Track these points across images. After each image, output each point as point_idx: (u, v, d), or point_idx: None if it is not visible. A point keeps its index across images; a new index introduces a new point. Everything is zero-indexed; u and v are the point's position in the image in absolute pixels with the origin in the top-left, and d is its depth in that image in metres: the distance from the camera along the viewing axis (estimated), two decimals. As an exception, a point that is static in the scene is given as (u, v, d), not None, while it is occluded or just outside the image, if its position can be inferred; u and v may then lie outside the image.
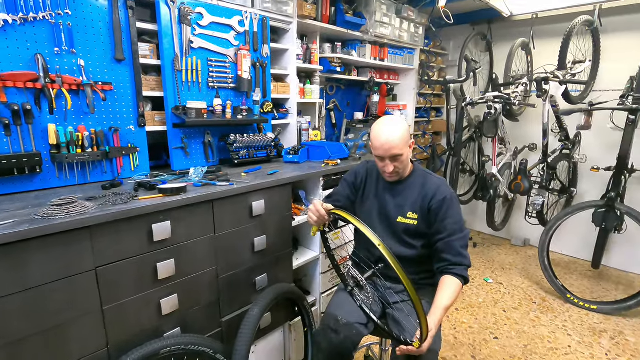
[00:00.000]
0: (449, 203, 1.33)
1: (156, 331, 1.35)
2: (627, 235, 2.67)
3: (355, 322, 1.35)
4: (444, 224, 1.32)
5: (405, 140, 1.32)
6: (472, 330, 2.32)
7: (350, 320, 1.35)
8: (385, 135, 1.31)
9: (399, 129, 1.31)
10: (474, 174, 3.50)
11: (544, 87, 2.67)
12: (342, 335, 1.31)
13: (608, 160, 2.72)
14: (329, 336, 1.33)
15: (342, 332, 1.32)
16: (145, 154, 1.72)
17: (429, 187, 1.38)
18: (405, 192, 1.42)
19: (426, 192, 1.37)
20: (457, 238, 1.30)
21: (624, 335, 2.29)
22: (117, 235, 1.20)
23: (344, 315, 1.36)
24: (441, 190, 1.35)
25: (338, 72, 2.78)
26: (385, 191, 1.46)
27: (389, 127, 1.32)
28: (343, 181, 1.59)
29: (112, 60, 1.55)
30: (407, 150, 1.35)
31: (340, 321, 1.34)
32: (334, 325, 1.34)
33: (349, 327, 1.33)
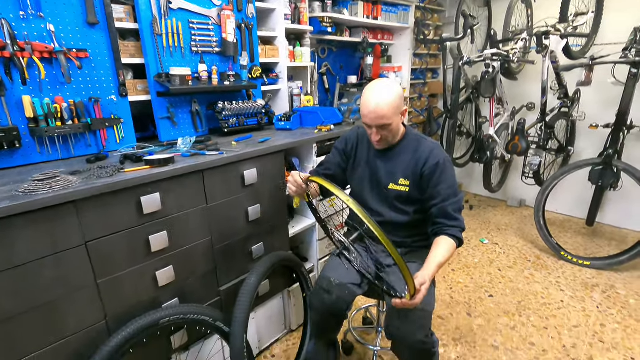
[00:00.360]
0: (442, 167, 1.30)
1: (154, 302, 1.36)
2: (622, 192, 2.68)
3: (348, 283, 1.37)
4: (438, 190, 1.29)
5: (395, 108, 1.25)
6: (467, 289, 2.38)
7: (343, 281, 1.37)
8: (374, 102, 1.24)
9: (390, 96, 1.24)
10: (471, 136, 3.45)
11: (544, 42, 2.56)
12: (334, 295, 1.34)
13: (607, 118, 2.67)
14: (322, 297, 1.35)
15: (335, 292, 1.34)
16: (130, 125, 1.65)
17: (422, 152, 1.33)
18: (396, 158, 1.38)
19: (418, 157, 1.33)
20: (451, 202, 1.28)
21: (615, 288, 2.35)
22: (105, 209, 1.17)
23: (337, 277, 1.38)
24: (434, 155, 1.31)
25: (329, 33, 2.65)
26: (377, 157, 1.41)
27: (379, 93, 1.24)
28: (334, 149, 1.54)
29: (85, 24, 1.44)
30: (397, 119, 1.28)
31: (333, 282, 1.36)
32: (326, 286, 1.36)
33: (342, 288, 1.35)
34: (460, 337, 1.96)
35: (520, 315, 2.12)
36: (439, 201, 1.29)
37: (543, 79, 2.73)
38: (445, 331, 2.00)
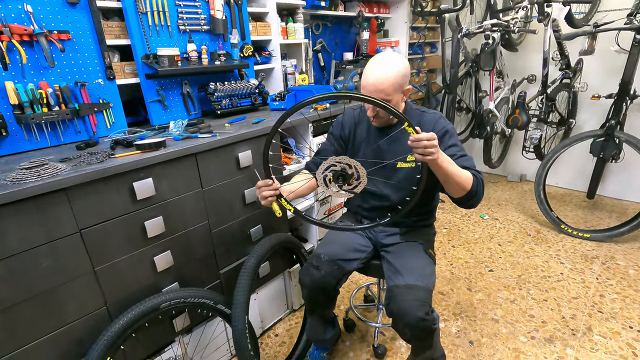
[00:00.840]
0: (450, 134, 1.26)
1: (154, 287, 1.36)
2: (624, 163, 2.65)
3: (337, 259, 1.37)
4: (449, 151, 1.21)
5: (397, 85, 1.19)
6: (467, 265, 2.39)
7: (333, 257, 1.37)
8: (375, 75, 1.18)
9: (393, 70, 1.17)
10: (471, 111, 3.38)
11: (546, 9, 2.46)
12: (322, 271, 1.34)
13: (610, 88, 2.60)
14: (311, 272, 1.36)
15: (323, 268, 1.34)
16: (120, 109, 1.61)
17: (427, 124, 1.29)
18: (401, 136, 1.31)
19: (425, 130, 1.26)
20: (466, 159, 1.22)
21: (615, 260, 2.36)
22: (97, 196, 1.15)
23: (327, 253, 1.38)
24: (440, 123, 1.28)
25: (323, 8, 2.55)
26: (379, 137, 1.35)
27: (381, 66, 1.18)
28: (329, 135, 1.48)
29: (65, 3, 1.38)
30: (397, 96, 1.21)
31: (322, 258, 1.37)
32: (315, 262, 1.37)
33: (331, 263, 1.36)
34: (461, 311, 1.98)
35: (520, 289, 2.13)
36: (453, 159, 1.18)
37: (544, 49, 2.65)
38: (446, 306, 2.02)
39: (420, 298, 1.21)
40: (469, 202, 1.20)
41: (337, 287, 1.38)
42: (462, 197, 1.18)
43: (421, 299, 1.20)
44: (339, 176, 1.10)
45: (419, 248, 1.38)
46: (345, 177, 1.10)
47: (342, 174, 1.10)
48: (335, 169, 1.10)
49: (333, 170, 1.11)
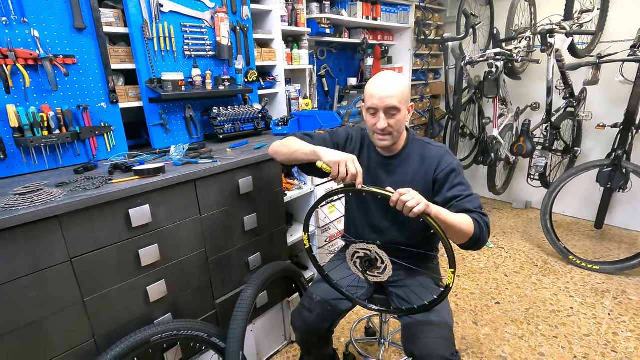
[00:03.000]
0: (457, 173, 1.19)
1: (146, 318, 1.30)
2: (631, 193, 2.61)
3: (330, 299, 1.29)
4: (453, 192, 1.17)
5: (405, 96, 1.16)
6: (473, 296, 2.31)
7: (325, 297, 1.29)
8: (383, 83, 1.14)
9: (401, 82, 1.15)
10: (474, 137, 3.37)
11: (549, 40, 2.49)
12: (314, 313, 1.27)
13: (615, 117, 2.59)
14: (303, 314, 1.29)
15: (315, 310, 1.27)
16: (122, 132, 1.60)
17: (431, 159, 1.22)
18: (402, 168, 1.26)
19: (429, 165, 1.21)
20: (469, 200, 1.15)
21: (627, 294, 2.27)
22: (91, 223, 1.11)
23: (320, 293, 1.31)
24: (446, 160, 1.20)
25: (328, 35, 2.59)
26: (379, 167, 1.29)
27: (389, 77, 1.16)
28: (330, 134, 1.34)
29: (72, 29, 1.39)
30: (405, 109, 1.17)
31: (315, 299, 1.30)
32: (308, 304, 1.30)
33: (323, 304, 1.28)
34: (467, 347, 1.89)
35: (529, 324, 2.04)
36: (456, 201, 1.15)
37: (548, 78, 2.66)
38: (451, 341, 1.93)
39: (444, 336, 1.13)
40: (472, 248, 1.12)
41: (331, 328, 1.31)
42: (465, 244, 1.11)
43: (445, 337, 1.13)
44: (366, 261, 1.16)
45: (428, 281, 1.31)
46: (371, 263, 1.16)
47: (368, 260, 1.16)
48: (360, 256, 1.17)
49: (358, 256, 1.17)
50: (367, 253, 1.15)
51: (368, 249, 1.14)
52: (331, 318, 1.29)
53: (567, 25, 2.45)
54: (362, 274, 1.19)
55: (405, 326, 1.22)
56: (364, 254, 1.16)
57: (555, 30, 2.44)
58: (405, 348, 1.20)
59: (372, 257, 1.14)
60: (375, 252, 1.13)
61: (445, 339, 1.13)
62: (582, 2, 2.68)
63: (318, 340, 1.36)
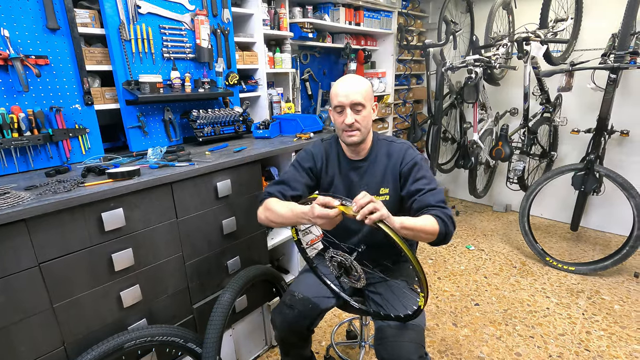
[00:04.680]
0: (420, 165, 1.24)
1: (119, 325, 1.27)
2: (605, 196, 2.69)
3: (312, 296, 1.29)
4: (416, 185, 1.20)
5: (368, 94, 1.22)
6: (453, 298, 2.34)
7: (307, 294, 1.29)
8: (347, 82, 1.21)
9: (363, 82, 1.23)
10: (456, 141, 3.44)
11: (525, 47, 2.56)
12: (295, 310, 1.26)
13: (588, 122, 2.68)
14: (283, 312, 1.28)
15: (297, 307, 1.27)
16: (97, 135, 1.57)
17: (397, 154, 1.27)
18: (372, 168, 1.29)
19: (395, 161, 1.26)
20: (432, 194, 1.17)
21: (600, 294, 2.33)
22: (61, 227, 1.09)
23: (301, 291, 1.30)
24: (409, 154, 1.26)
25: (310, 39, 2.60)
26: (350, 171, 1.31)
27: (352, 77, 1.24)
28: (297, 165, 1.34)
29: (45, 29, 1.36)
30: (369, 105, 1.23)
31: (297, 296, 1.29)
32: (289, 301, 1.29)
33: (304, 302, 1.28)
34: (446, 349, 1.91)
35: (507, 324, 2.08)
36: (419, 195, 1.19)
37: (525, 84, 2.74)
38: (431, 343, 1.95)
39: (414, 339, 1.14)
40: (440, 243, 1.14)
41: (311, 327, 1.30)
42: (434, 242, 1.13)
43: (415, 340, 1.14)
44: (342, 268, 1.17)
45: (403, 285, 1.33)
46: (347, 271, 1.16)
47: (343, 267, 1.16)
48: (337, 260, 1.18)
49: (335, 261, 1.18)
50: (342, 260, 1.16)
51: (344, 257, 1.15)
52: (312, 316, 1.29)
53: (542, 33, 2.53)
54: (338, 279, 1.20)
55: (377, 329, 1.24)
56: (340, 260, 1.17)
57: (531, 38, 2.52)
58: (376, 351, 1.21)
59: (347, 265, 1.16)
60: (350, 262, 1.14)
61: (416, 342, 1.14)
62: (556, 12, 2.78)
63: (297, 339, 1.36)
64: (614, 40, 2.54)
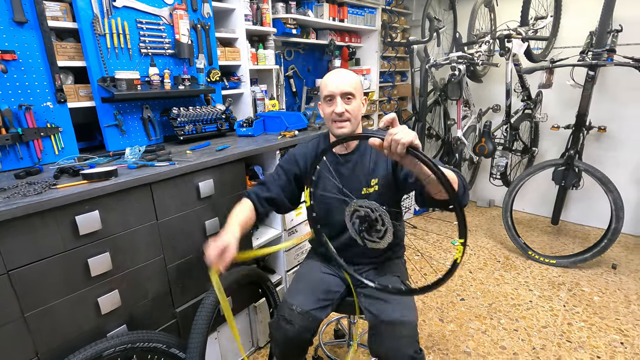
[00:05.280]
0: None
1: (97, 332, 1.22)
2: (584, 190, 2.76)
3: (311, 309, 1.26)
4: None
5: (358, 86, 1.24)
6: (439, 293, 2.35)
7: (306, 307, 1.26)
8: (337, 74, 1.22)
9: (353, 74, 1.24)
10: (440, 138, 3.46)
11: (506, 44, 2.59)
12: (296, 326, 1.23)
13: (567, 118, 2.74)
14: (284, 328, 1.24)
15: (297, 322, 1.23)
16: (71, 134, 1.50)
17: None
18: (362, 160, 1.28)
19: None
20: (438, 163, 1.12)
21: (580, 286, 2.40)
22: (32, 232, 1.03)
23: (299, 303, 1.27)
24: None
25: (294, 35, 2.57)
26: (339, 165, 1.30)
27: (342, 70, 1.25)
28: (278, 168, 1.36)
29: (11, 22, 1.29)
30: (359, 96, 1.23)
31: (295, 310, 1.25)
32: (288, 315, 1.25)
33: (304, 316, 1.25)
34: (433, 344, 1.93)
35: (491, 318, 2.11)
36: None
37: (507, 81, 2.77)
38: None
39: (408, 334, 1.14)
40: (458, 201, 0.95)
41: (312, 338, 1.28)
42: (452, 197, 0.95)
43: (409, 336, 1.14)
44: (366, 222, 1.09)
45: (396, 281, 1.33)
46: (371, 225, 1.08)
47: (368, 220, 1.08)
48: (360, 215, 1.09)
49: (358, 215, 1.10)
50: (367, 212, 1.07)
51: (371, 207, 1.05)
52: (313, 328, 1.26)
53: (523, 30, 2.57)
54: (361, 238, 1.12)
55: (371, 326, 1.23)
56: (364, 213, 1.08)
57: (512, 36, 2.55)
58: (371, 349, 1.20)
59: (373, 217, 1.07)
60: (377, 213, 1.04)
61: (410, 337, 1.14)
62: (536, 10, 2.82)
63: (298, 352, 1.33)
64: (592, 37, 2.60)
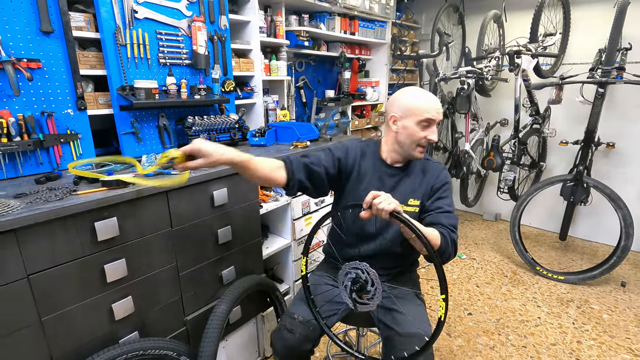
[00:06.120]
0: (448, 187, 1.28)
1: (110, 338, 1.23)
2: (592, 206, 2.75)
3: (313, 319, 1.25)
4: (436, 203, 1.24)
5: None
6: (447, 307, 2.34)
7: (308, 317, 1.26)
8: (433, 98, 1.21)
9: None
10: (448, 151, 3.48)
11: (516, 60, 2.62)
12: (297, 334, 1.23)
13: (576, 134, 2.74)
14: (284, 337, 1.24)
15: (298, 330, 1.23)
16: (90, 140, 1.53)
17: (432, 171, 1.30)
18: (407, 178, 1.30)
19: (429, 177, 1.29)
20: (448, 216, 1.20)
21: (589, 303, 2.37)
22: (52, 238, 1.05)
23: (302, 313, 1.27)
24: (444, 174, 1.30)
25: (306, 47, 2.61)
26: (385, 175, 1.32)
27: (429, 93, 1.23)
28: (328, 151, 1.35)
29: (38, 32, 1.33)
30: None
31: (297, 319, 1.26)
32: (289, 324, 1.25)
33: (306, 325, 1.25)
34: (441, 359, 1.91)
35: (500, 334, 2.09)
36: (435, 211, 1.21)
37: (515, 96, 2.79)
38: (425, 353, 1.94)
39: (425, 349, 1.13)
40: (441, 256, 1.12)
41: (313, 348, 1.28)
42: (428, 257, 1.09)
43: (428, 351, 1.12)
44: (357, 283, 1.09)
45: (410, 293, 1.32)
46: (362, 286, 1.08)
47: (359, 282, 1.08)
48: (351, 277, 1.10)
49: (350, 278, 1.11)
50: (357, 273, 1.10)
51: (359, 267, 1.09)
52: (314, 338, 1.26)
53: (532, 47, 2.60)
54: (353, 302, 1.14)
55: (386, 338, 1.23)
56: (355, 275, 1.11)
57: (522, 52, 2.57)
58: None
59: (362, 278, 1.10)
60: (365, 271, 1.08)
61: (428, 352, 1.13)
62: (545, 26, 2.85)
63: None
64: (601, 55, 2.62)
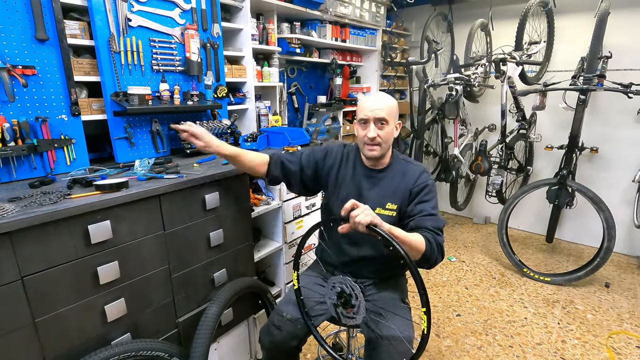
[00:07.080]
0: (429, 189, 1.28)
1: (102, 339, 1.24)
2: (577, 209, 2.83)
3: (300, 317, 1.29)
4: (420, 207, 1.25)
5: (393, 112, 1.28)
6: (436, 309, 2.38)
7: (296, 315, 1.29)
8: (375, 98, 1.27)
9: (390, 100, 1.29)
10: (437, 155, 3.54)
11: (501, 68, 2.70)
12: (284, 331, 1.27)
13: (561, 139, 2.83)
14: (272, 333, 1.28)
15: (285, 328, 1.27)
16: (83, 145, 1.55)
17: (411, 174, 1.31)
18: (385, 181, 1.33)
19: (408, 180, 1.30)
20: (433, 219, 1.22)
21: (574, 304, 2.43)
22: (46, 240, 1.07)
23: (290, 311, 1.31)
24: (424, 176, 1.31)
25: (298, 54, 2.66)
26: (363, 178, 1.35)
27: (380, 94, 1.30)
28: (310, 152, 1.43)
29: (33, 40, 1.36)
30: (393, 123, 1.28)
31: (285, 317, 1.29)
32: (277, 321, 1.29)
33: (293, 323, 1.28)
34: (429, 359, 1.95)
35: (487, 335, 2.14)
36: (419, 215, 1.23)
37: (502, 102, 2.87)
38: (414, 354, 1.98)
39: (404, 351, 1.17)
40: (423, 265, 1.17)
41: (300, 346, 1.31)
42: (416, 261, 1.15)
43: (406, 352, 1.16)
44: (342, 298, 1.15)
45: (395, 298, 1.36)
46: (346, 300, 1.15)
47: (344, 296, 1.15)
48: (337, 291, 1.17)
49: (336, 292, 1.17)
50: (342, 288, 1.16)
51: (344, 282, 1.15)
52: (300, 336, 1.30)
53: (517, 55, 2.68)
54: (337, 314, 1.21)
55: (368, 340, 1.26)
56: (340, 289, 1.17)
57: (507, 59, 2.66)
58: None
59: (347, 292, 1.15)
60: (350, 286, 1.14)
61: (407, 353, 1.16)
62: (530, 35, 2.95)
63: (285, 358, 1.36)
64: (583, 63, 2.71)
